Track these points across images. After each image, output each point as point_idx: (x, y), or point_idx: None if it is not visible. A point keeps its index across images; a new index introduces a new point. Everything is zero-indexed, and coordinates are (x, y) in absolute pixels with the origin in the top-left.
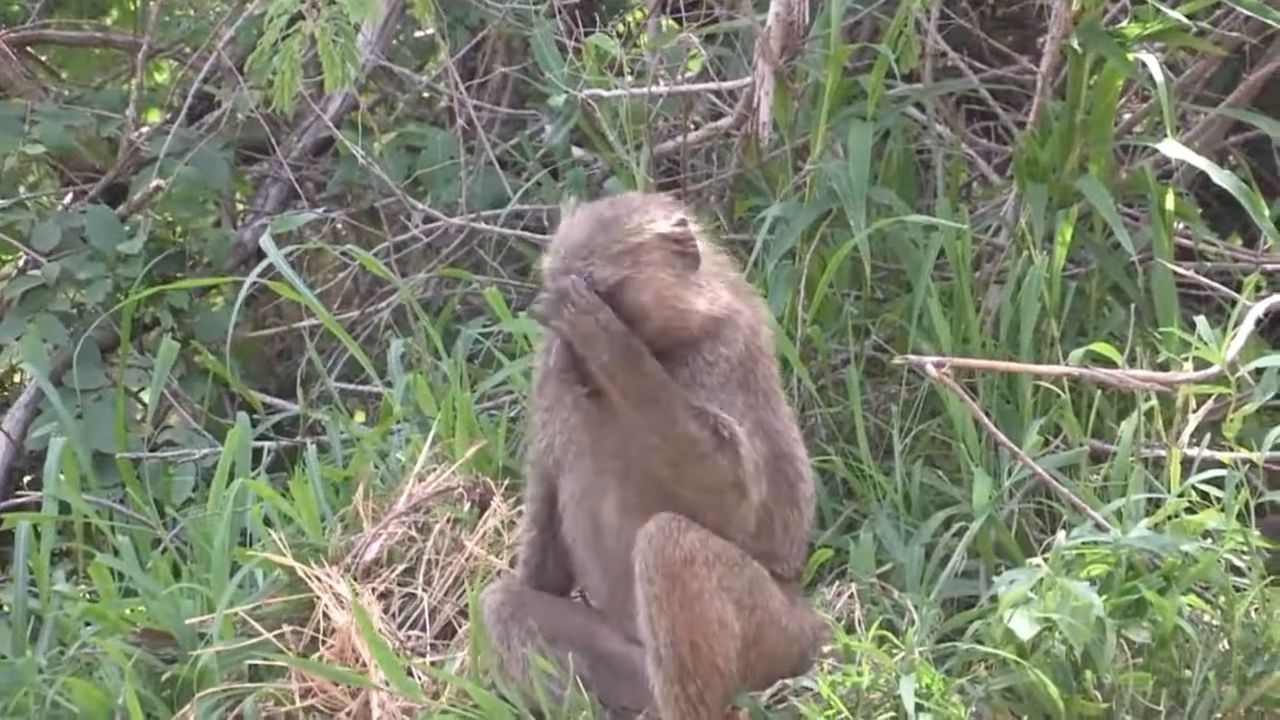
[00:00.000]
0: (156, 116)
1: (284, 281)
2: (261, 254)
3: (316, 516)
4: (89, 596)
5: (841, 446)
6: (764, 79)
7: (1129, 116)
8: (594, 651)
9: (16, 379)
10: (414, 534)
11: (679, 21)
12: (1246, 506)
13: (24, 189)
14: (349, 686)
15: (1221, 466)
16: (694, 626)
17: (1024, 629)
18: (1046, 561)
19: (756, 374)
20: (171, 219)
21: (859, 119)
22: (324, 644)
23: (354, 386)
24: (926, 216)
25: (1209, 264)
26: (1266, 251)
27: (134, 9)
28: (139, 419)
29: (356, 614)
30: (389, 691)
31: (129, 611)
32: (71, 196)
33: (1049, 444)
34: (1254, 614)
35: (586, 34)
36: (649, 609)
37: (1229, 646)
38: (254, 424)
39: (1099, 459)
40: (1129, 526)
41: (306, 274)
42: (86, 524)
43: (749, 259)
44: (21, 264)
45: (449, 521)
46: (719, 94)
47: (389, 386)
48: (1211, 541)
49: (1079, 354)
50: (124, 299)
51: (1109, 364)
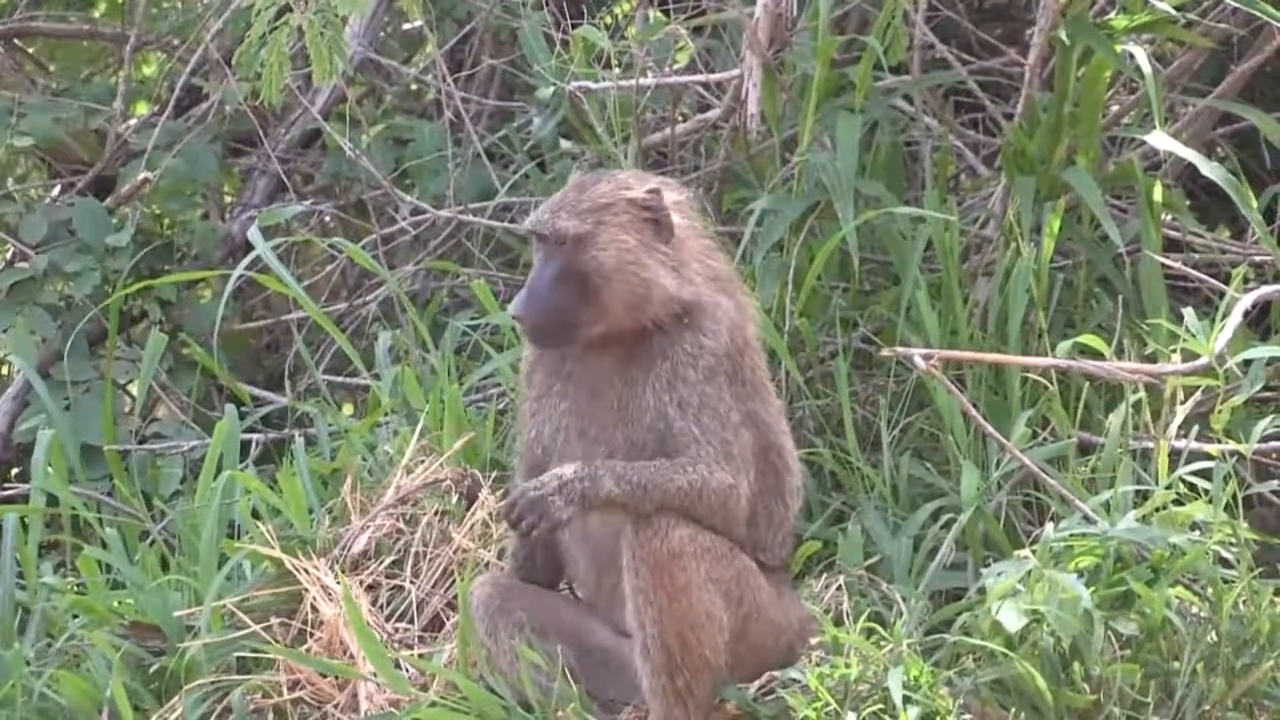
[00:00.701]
0: (144, 109)
1: (272, 274)
2: (249, 246)
3: (304, 509)
4: (77, 589)
5: (829, 439)
6: (752, 71)
7: (1117, 108)
8: (582, 644)
9: (4, 371)
10: (402, 526)
11: (666, 13)
12: (1234, 498)
13: (12, 181)
14: (337, 678)
15: (1209, 458)
16: (682, 619)
17: (1012, 621)
18: (1035, 553)
19: (743, 365)
20: (159, 211)
21: (847, 111)
22: (312, 636)
23: (342, 379)
24: (914, 208)
25: (1197, 256)
26: (1254, 243)
27: (121, 2)
28: (127, 411)
29: (346, 606)
30: (377, 683)
31: (117, 604)
32: (59, 189)
33: (1037, 436)
34: (1242, 606)
35: (574, 26)
36: (636, 601)
37: (1217, 638)
38: (242, 416)
39: (1087, 451)
40: (1117, 518)
41: (294, 266)
42: (74, 516)
43: (737, 251)
44: (9, 256)
45: (437, 514)
46: (707, 86)
47: (377, 379)
48: (1199, 533)
49: (1067, 346)
50: (112, 291)
51: (1097, 356)
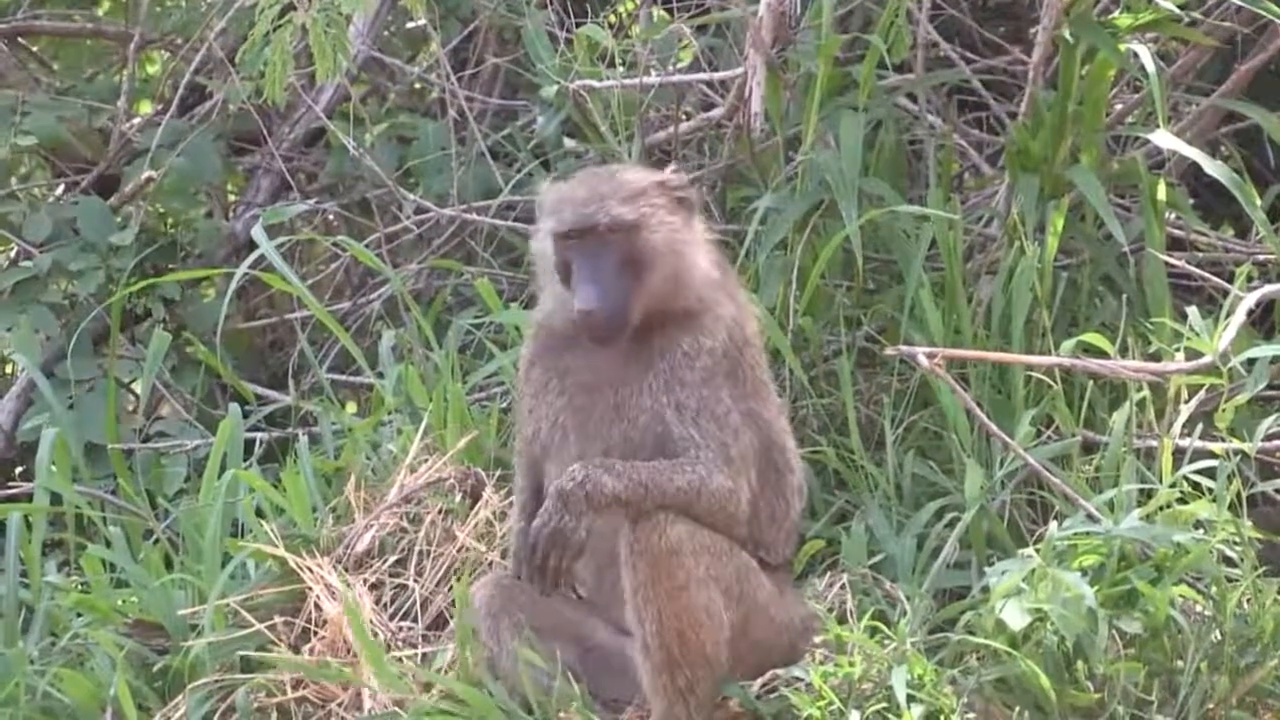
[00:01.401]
0: (148, 108)
1: (275, 273)
2: (253, 245)
3: (308, 507)
4: (80, 587)
5: (833, 437)
6: (755, 69)
7: (1120, 107)
8: (584, 643)
9: (8, 370)
10: (405, 525)
11: (670, 12)
12: (1238, 497)
13: (15, 180)
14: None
15: (1213, 457)
16: (681, 616)
17: (1016, 620)
18: (1038, 552)
19: (743, 364)
20: (163, 210)
21: (850, 109)
22: (315, 635)
23: (345, 377)
24: (918, 207)
25: (1200, 254)
26: (1258, 242)
27: (125, 0)
28: (130, 410)
29: (347, 610)
30: (378, 684)
31: (120, 602)
32: (63, 188)
33: (1041, 434)
34: (1246, 604)
35: (578, 25)
36: (636, 598)
37: (1221, 637)
38: (245, 415)
39: (1091, 449)
40: (1121, 517)
41: (298, 265)
42: (78, 515)
43: (740, 250)
44: (13, 255)
45: (440, 512)
46: (710, 84)
47: (380, 377)
48: (1203, 532)
49: (1071, 344)
50: (116, 290)
51: (1101, 354)
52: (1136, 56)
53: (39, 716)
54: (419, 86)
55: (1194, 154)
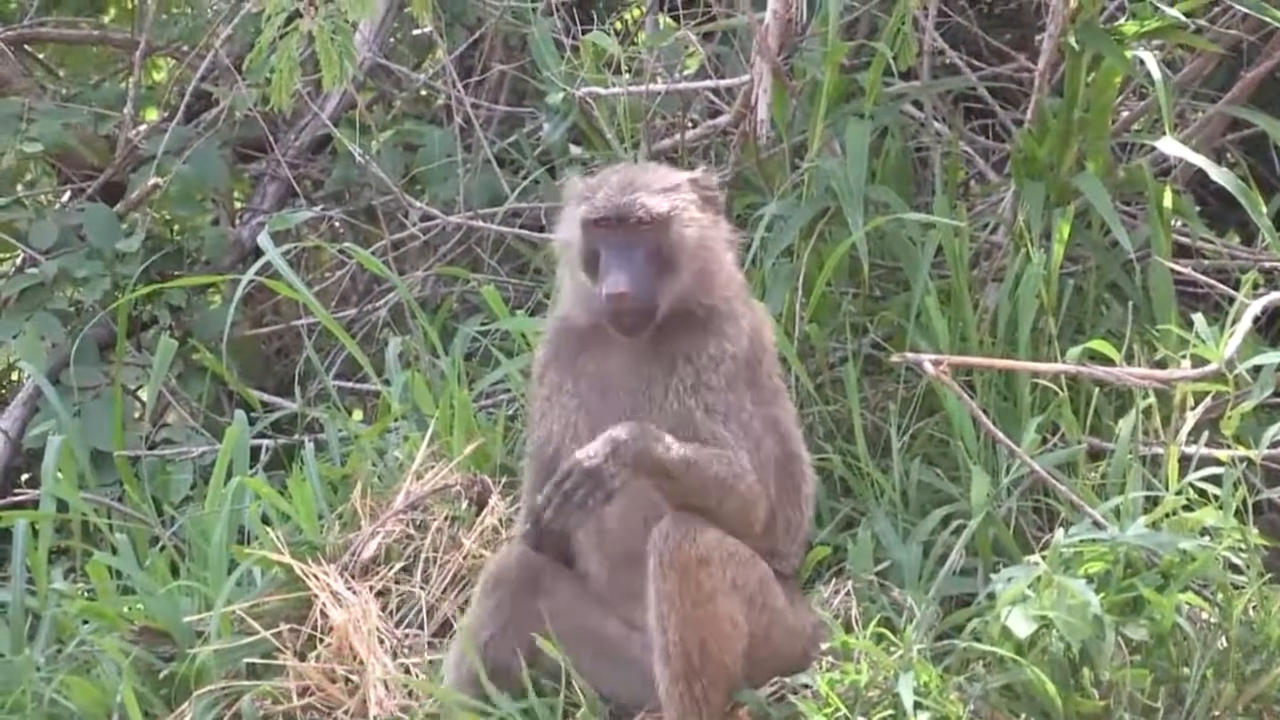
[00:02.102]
0: (154, 114)
1: (282, 280)
2: (259, 252)
3: (314, 514)
4: (87, 594)
5: (839, 444)
6: (762, 77)
7: (1127, 114)
8: (593, 638)
9: (14, 377)
10: (412, 532)
11: (676, 19)
12: (1244, 504)
13: (21, 187)
14: (347, 683)
15: (1219, 464)
16: (705, 625)
17: (1022, 627)
18: (1045, 559)
19: (762, 371)
20: (169, 217)
21: (856, 116)
22: (321, 642)
23: (352, 384)
24: (924, 214)
25: (1207, 261)
26: (1264, 249)
27: (131, 7)
28: (137, 417)
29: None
30: (386, 689)
31: (127, 609)
32: (69, 194)
33: (1047, 441)
34: (1252, 611)
35: (584, 32)
36: (660, 606)
37: (1227, 644)
38: (252, 422)
39: (1097, 456)
40: (1127, 524)
41: (304, 272)
42: (84, 522)
43: (747, 257)
44: (19, 262)
45: (447, 519)
46: (717, 92)
47: (387, 384)
48: (1209, 539)
49: (1077, 351)
50: (122, 297)
51: (1107, 361)
52: (1142, 63)
53: None
54: (425, 93)
55: (1200, 161)
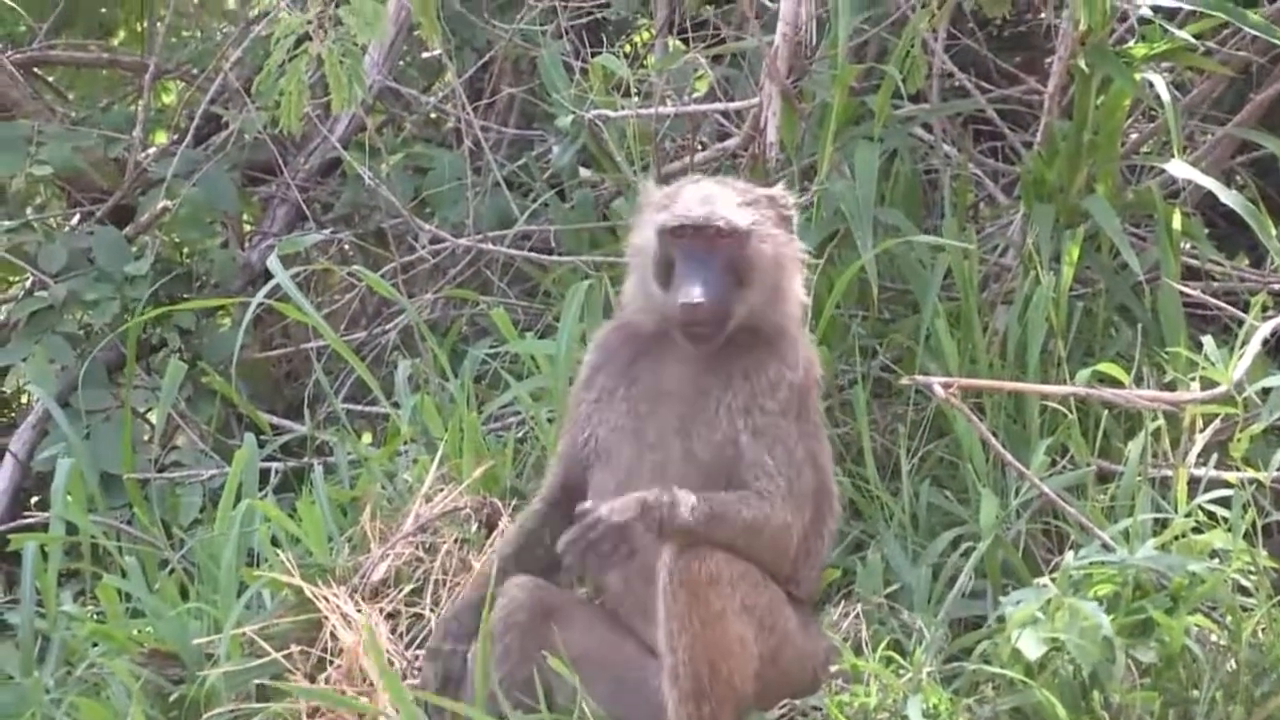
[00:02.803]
0: (163, 137)
1: (291, 302)
2: (268, 275)
3: (324, 537)
4: (96, 617)
5: (849, 467)
6: (771, 99)
7: (1136, 136)
8: (605, 661)
9: (24, 400)
10: (421, 554)
11: (686, 42)
12: (1253, 526)
13: (31, 210)
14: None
15: (1228, 486)
16: (714, 645)
17: (1031, 649)
18: (1054, 581)
19: (809, 404)
20: (179, 240)
21: (866, 139)
22: (331, 664)
23: (361, 407)
24: (933, 237)
25: (1216, 284)
26: (1273, 271)
27: (141, 30)
28: (146, 440)
29: (363, 639)
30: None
31: (136, 632)
32: (78, 218)
33: (1056, 464)
34: (1261, 634)
35: (593, 54)
36: (670, 625)
37: (1236, 666)
38: (261, 445)
39: (1106, 479)
40: (1136, 546)
41: (313, 295)
42: (94, 545)
43: None
44: (29, 285)
45: (456, 542)
46: (726, 114)
47: (396, 407)
48: (1218, 561)
49: (1086, 374)
50: (131, 320)
51: (1116, 384)
52: (1152, 86)
53: None
54: (434, 116)
55: (1209, 183)
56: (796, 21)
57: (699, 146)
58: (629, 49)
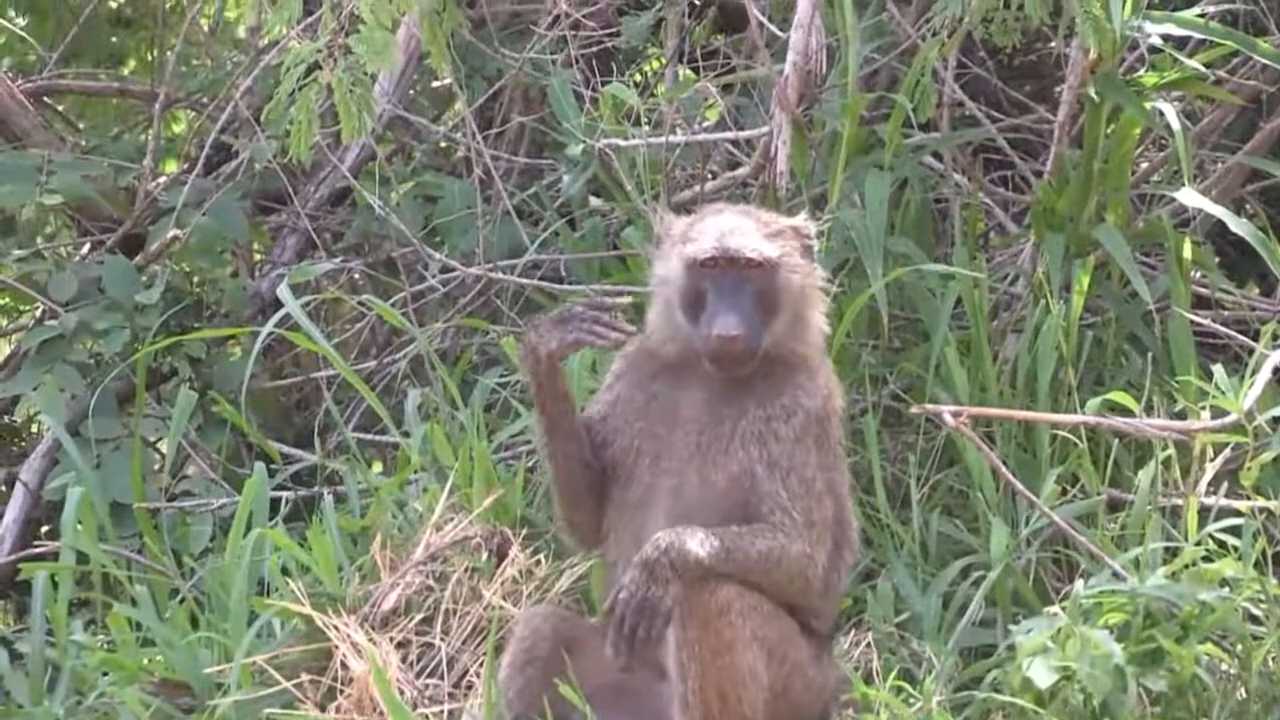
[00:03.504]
0: (174, 167)
1: (301, 332)
2: (279, 304)
3: (334, 566)
4: (107, 646)
5: (859, 496)
6: (781, 128)
7: (1146, 165)
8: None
9: (34, 429)
10: (431, 583)
11: (696, 71)
12: (1264, 555)
13: (41, 239)
14: None
15: (1239, 515)
16: (724, 675)
17: (1042, 678)
18: (1064, 610)
19: (829, 434)
20: (189, 269)
21: (876, 168)
22: (342, 693)
23: (371, 436)
24: (944, 265)
25: (1226, 312)
26: None
27: (151, 59)
28: (156, 469)
29: (373, 668)
30: None
31: (147, 661)
32: (89, 247)
33: (1066, 493)
34: (1271, 663)
35: (603, 83)
36: (680, 654)
37: (1246, 695)
38: (271, 474)
39: (1116, 508)
40: (1147, 575)
41: (324, 324)
42: (104, 574)
43: None
44: (39, 314)
45: (467, 571)
46: (736, 143)
47: (406, 436)
48: (1229, 590)
49: (1096, 403)
50: (141, 349)
51: (1126, 413)
52: (1162, 115)
53: None
54: (444, 145)
55: (1219, 212)
56: (807, 50)
57: (709, 175)
58: (639, 78)
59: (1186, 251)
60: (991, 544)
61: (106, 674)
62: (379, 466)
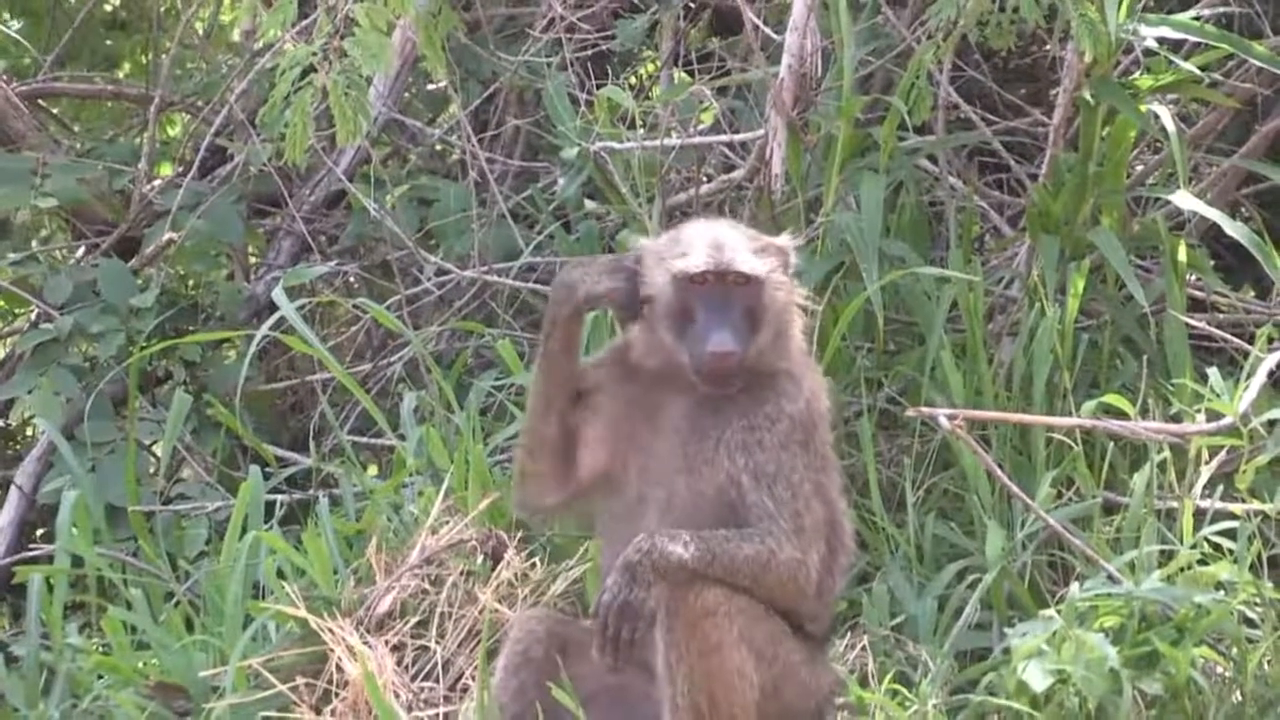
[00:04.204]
0: (169, 170)
1: (296, 334)
2: (274, 307)
3: (329, 569)
4: (102, 649)
5: (854, 499)
6: (776, 131)
7: (1141, 168)
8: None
9: (29, 432)
10: (427, 586)
11: (691, 74)
12: (1259, 558)
13: (36, 242)
14: None
15: (1234, 518)
16: (713, 677)
17: (1038, 681)
18: (1060, 613)
19: (816, 438)
20: (184, 272)
21: (871, 171)
22: (337, 696)
23: (366, 439)
24: (939, 268)
25: (1221, 315)
26: (1279, 303)
27: (146, 62)
28: (151, 472)
29: (368, 672)
30: None
31: (142, 664)
32: (84, 250)
33: (1062, 496)
34: (1266, 666)
35: (599, 87)
36: (669, 656)
37: (1241, 698)
38: (266, 477)
39: (1112, 510)
40: (1142, 578)
41: (319, 327)
42: (99, 577)
43: None
44: (34, 317)
45: (462, 574)
46: (731, 146)
47: (401, 439)
48: (1224, 593)
49: (1091, 406)
50: (136, 352)
51: (1121, 415)
52: (1157, 118)
53: None
54: (440, 148)
55: (1214, 215)
56: (802, 53)
57: (704, 178)
58: (634, 81)
59: (1182, 254)
60: (987, 547)
61: (102, 677)
62: (374, 469)
